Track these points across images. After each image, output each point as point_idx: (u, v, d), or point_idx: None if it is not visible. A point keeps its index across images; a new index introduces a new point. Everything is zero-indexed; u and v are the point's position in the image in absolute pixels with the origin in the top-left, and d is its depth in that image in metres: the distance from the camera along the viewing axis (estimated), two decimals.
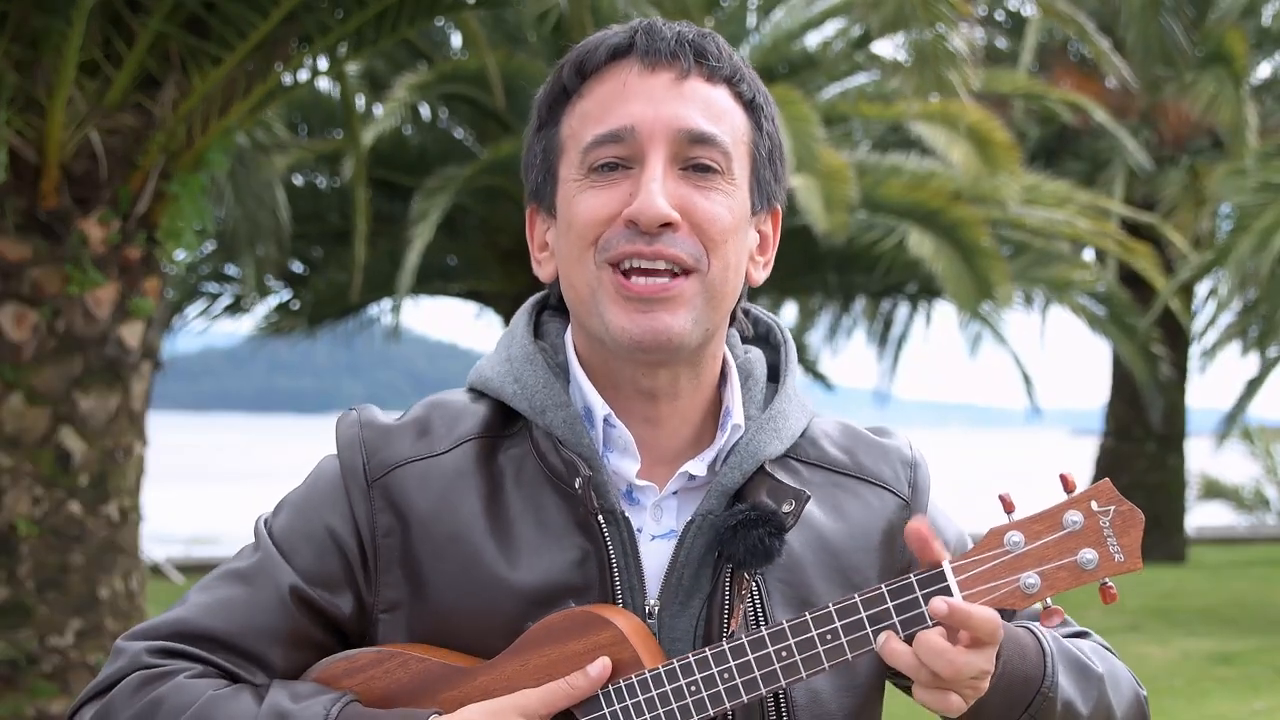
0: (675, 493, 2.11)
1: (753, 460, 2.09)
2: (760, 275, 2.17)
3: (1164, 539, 21.16)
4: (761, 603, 2.06)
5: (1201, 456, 23.32)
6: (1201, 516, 25.44)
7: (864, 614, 1.95)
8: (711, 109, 2.07)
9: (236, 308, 16.98)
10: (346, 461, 2.10)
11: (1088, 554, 1.96)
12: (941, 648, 1.93)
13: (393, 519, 2.07)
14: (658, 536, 2.09)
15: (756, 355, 2.21)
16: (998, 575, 1.96)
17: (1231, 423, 18.34)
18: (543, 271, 2.16)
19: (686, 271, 2.04)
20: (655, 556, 2.08)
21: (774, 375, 2.21)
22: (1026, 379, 19.04)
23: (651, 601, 2.06)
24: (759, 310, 2.27)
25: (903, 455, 2.21)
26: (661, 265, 2.03)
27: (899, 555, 2.15)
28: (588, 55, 2.10)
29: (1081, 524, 1.97)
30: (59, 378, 7.67)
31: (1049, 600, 1.98)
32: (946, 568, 1.96)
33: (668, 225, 2.02)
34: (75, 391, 7.69)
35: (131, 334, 7.85)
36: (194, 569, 19.34)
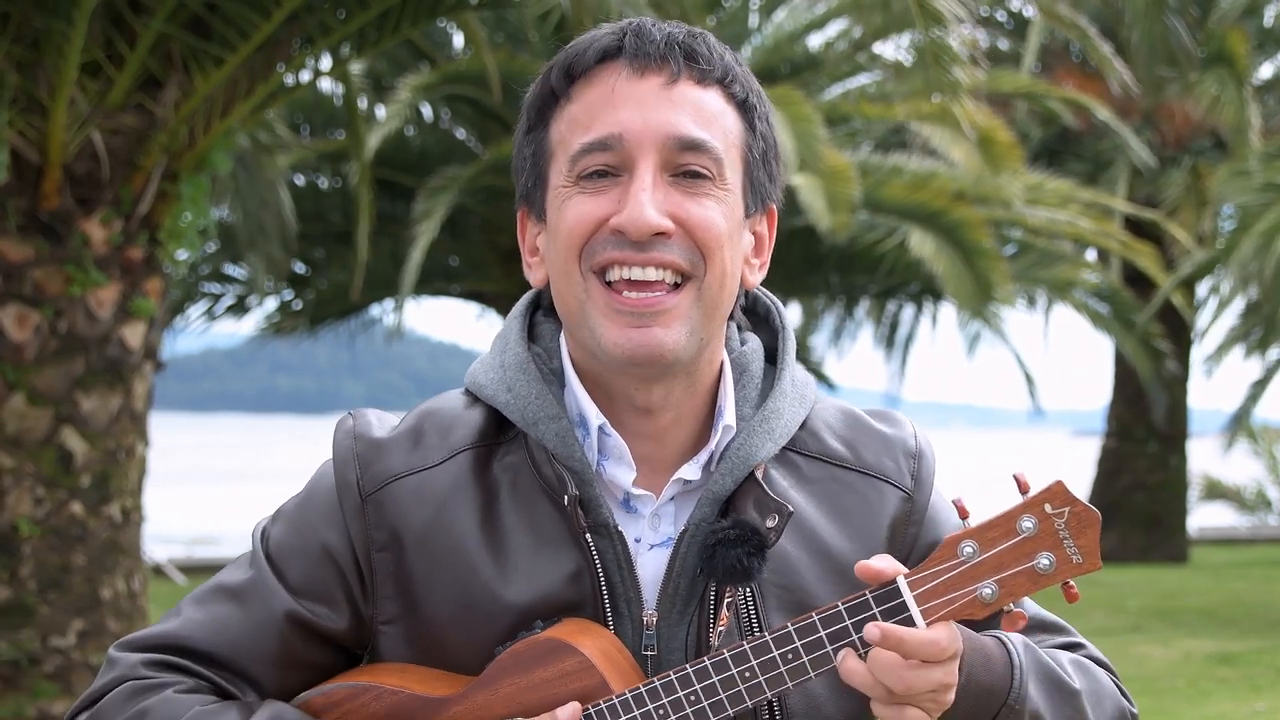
0: (673, 498, 2.09)
1: (744, 465, 2.06)
2: (755, 278, 2.13)
3: (1165, 539, 21.14)
4: (756, 609, 2.04)
5: (1204, 457, 23.31)
6: (1203, 517, 25.44)
7: (823, 632, 1.95)
8: (702, 113, 2.02)
9: (238, 308, 16.98)
10: (341, 475, 2.08)
11: (1044, 559, 1.94)
12: (891, 662, 1.91)
13: (387, 534, 2.05)
14: (656, 545, 2.07)
15: (753, 346, 2.16)
16: (955, 586, 1.94)
17: (1237, 427, 18.33)
18: (534, 276, 2.13)
19: (681, 280, 2.00)
20: (653, 565, 2.06)
21: (773, 357, 2.17)
22: (1029, 379, 19.03)
23: (649, 612, 2.04)
24: (760, 290, 2.22)
25: (906, 446, 2.17)
26: (654, 275, 1.99)
27: (902, 547, 2.13)
28: (576, 59, 2.04)
29: (1036, 528, 1.94)
30: (61, 378, 7.67)
31: (1010, 606, 1.96)
32: (901, 583, 1.94)
33: (660, 234, 1.98)
34: (77, 392, 7.69)
35: (133, 334, 7.85)
36: (195, 569, 19.35)
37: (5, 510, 7.58)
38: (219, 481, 49.72)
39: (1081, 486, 23.02)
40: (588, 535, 2.02)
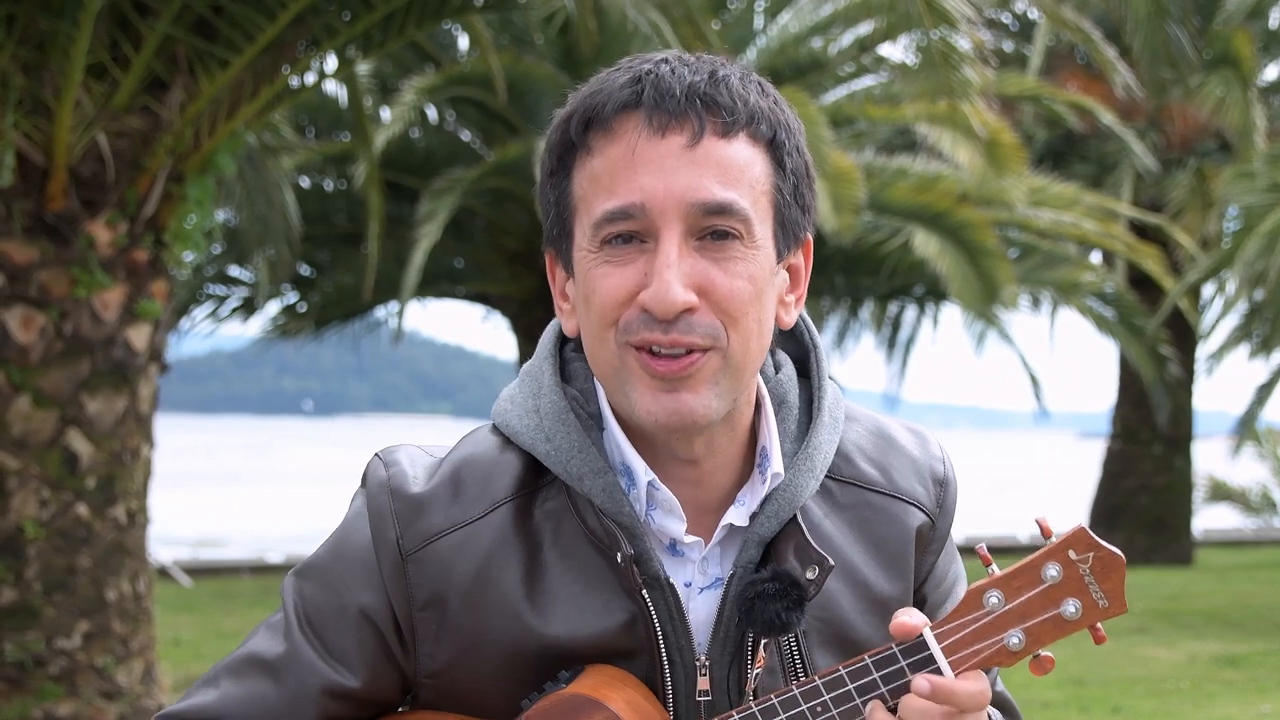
0: (719, 541, 2.08)
1: (789, 507, 2.05)
2: (791, 316, 2.09)
3: (1171, 541, 21.12)
4: (799, 646, 2.05)
5: (1209, 459, 23.28)
6: (1208, 519, 25.41)
7: (851, 686, 1.95)
8: (728, 172, 1.95)
9: (243, 310, 17.00)
10: (378, 533, 2.03)
11: (1070, 605, 1.95)
12: (923, 707, 1.92)
13: (429, 592, 2.01)
14: (705, 588, 2.06)
15: (788, 373, 2.13)
16: (982, 637, 1.95)
17: (1245, 430, 18.31)
18: (567, 325, 2.08)
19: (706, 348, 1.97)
20: (704, 610, 2.06)
21: (803, 370, 2.16)
22: (1034, 381, 19.01)
23: (702, 658, 2.04)
24: None
25: (935, 472, 2.17)
26: (681, 350, 1.96)
27: (919, 573, 2.15)
28: (594, 111, 1.97)
29: (1061, 575, 1.94)
30: (66, 380, 7.68)
31: (1039, 652, 1.96)
32: (928, 635, 1.94)
33: (686, 311, 1.94)
34: (82, 394, 7.70)
35: (138, 336, 7.86)
36: (201, 571, 19.36)
37: (11, 512, 7.59)
38: (224, 483, 49.74)
39: (1087, 489, 22.99)
40: (644, 591, 2.00)
